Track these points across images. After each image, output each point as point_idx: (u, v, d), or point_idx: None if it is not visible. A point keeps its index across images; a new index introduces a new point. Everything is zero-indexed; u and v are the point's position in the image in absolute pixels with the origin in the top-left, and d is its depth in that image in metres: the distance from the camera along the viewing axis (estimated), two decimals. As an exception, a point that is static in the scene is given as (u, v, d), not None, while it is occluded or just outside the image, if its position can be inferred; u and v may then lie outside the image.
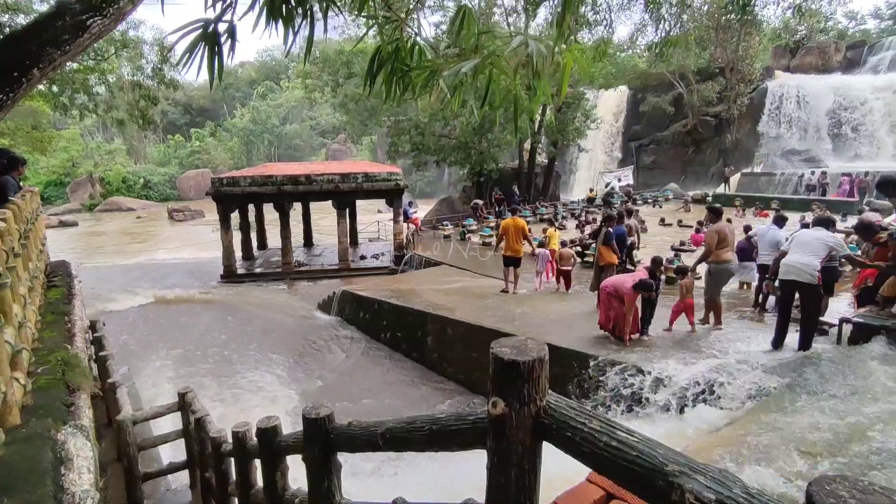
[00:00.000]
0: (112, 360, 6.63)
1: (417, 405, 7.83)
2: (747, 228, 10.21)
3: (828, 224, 6.12)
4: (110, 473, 5.23)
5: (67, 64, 8.59)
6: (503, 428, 1.17)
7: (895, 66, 33.28)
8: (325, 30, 2.31)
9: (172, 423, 5.67)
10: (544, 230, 14.07)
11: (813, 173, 23.81)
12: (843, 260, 7.00)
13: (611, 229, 8.95)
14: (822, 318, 6.47)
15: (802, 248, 5.74)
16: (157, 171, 57.69)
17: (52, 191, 51.03)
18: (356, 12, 2.18)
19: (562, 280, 10.44)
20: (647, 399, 5.56)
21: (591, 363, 6.22)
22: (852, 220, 12.13)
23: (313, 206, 21.27)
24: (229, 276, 17.46)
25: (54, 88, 13.11)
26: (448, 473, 4.24)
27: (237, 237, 18.77)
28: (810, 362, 5.46)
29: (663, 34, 10.17)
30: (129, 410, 5.15)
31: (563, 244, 11.16)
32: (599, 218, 15.59)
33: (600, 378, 6.09)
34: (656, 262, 7.54)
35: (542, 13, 20.94)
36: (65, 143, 49.81)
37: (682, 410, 5.28)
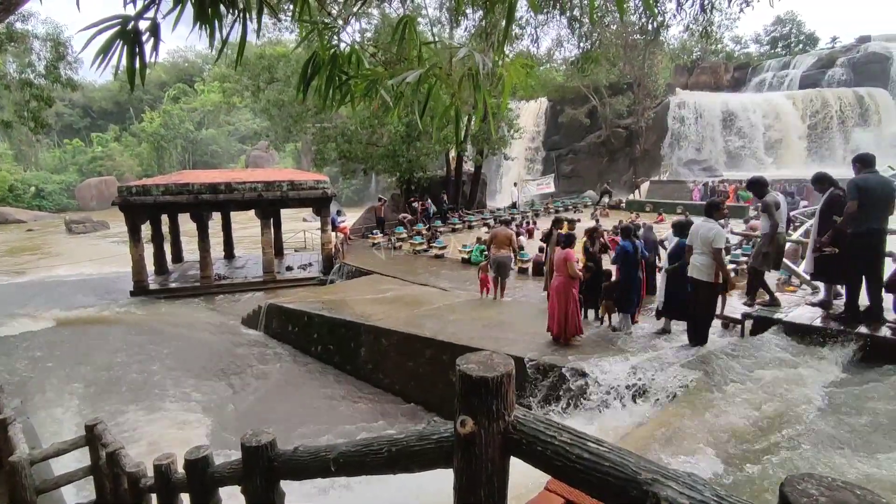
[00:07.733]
0: (2, 392, 5.88)
1: (355, 420, 7.61)
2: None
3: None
4: (1, 523, 4.60)
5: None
6: (472, 446, 1.14)
7: (774, 86, 37.96)
8: (259, 33, 2.20)
9: (78, 460, 5.08)
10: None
11: (709, 182, 26.31)
12: None
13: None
14: (726, 314, 7.10)
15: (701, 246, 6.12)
16: (51, 179, 52.26)
17: (-85, 200, 44.84)
18: (294, 17, 2.09)
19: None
20: (584, 399, 5.79)
21: (528, 364, 6.39)
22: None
23: (235, 215, 20.16)
24: (141, 292, 16.06)
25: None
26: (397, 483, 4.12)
27: (149, 250, 17.32)
28: (720, 354, 5.94)
29: (584, 49, 10.76)
30: (24, 449, 4.57)
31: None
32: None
33: (539, 382, 6.26)
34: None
35: (464, 24, 21.34)
36: (-67, 145, 43.97)
37: (612, 406, 5.55)
